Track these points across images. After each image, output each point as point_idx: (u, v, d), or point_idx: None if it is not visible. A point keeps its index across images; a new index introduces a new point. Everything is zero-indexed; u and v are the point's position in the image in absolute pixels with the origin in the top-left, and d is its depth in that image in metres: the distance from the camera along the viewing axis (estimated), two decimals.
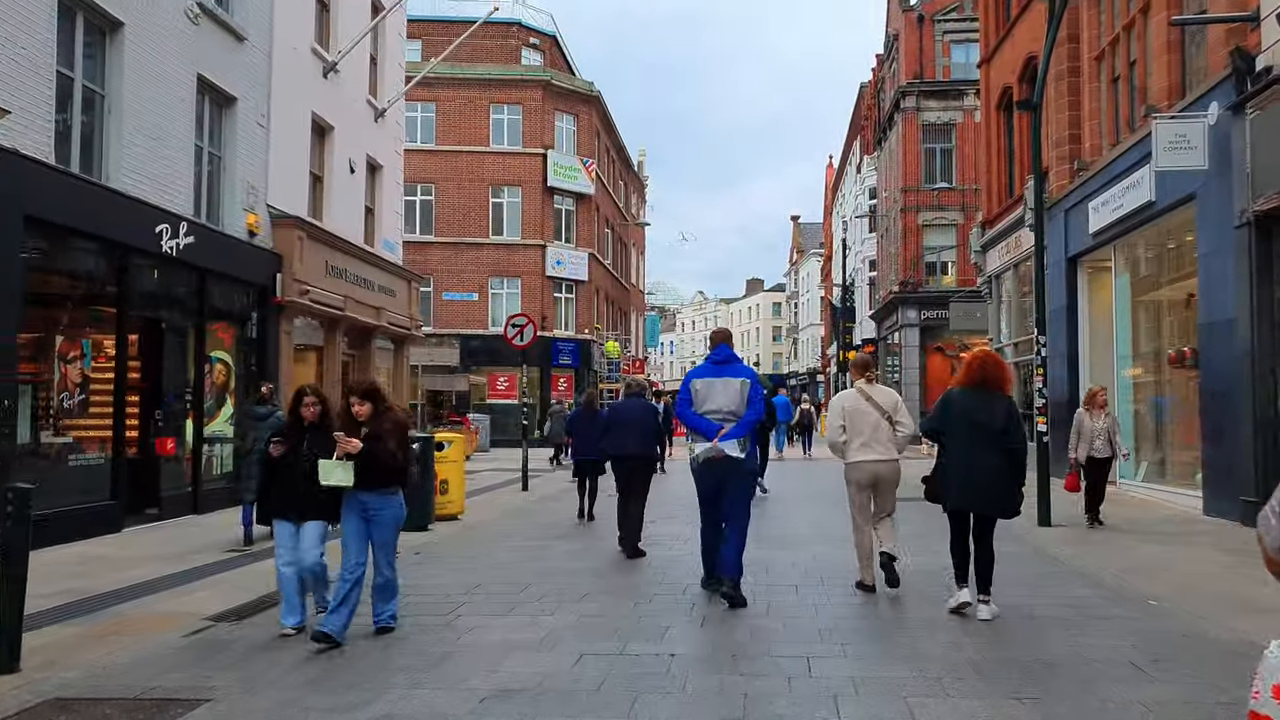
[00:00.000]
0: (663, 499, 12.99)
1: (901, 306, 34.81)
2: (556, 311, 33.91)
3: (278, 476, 6.04)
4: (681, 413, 6.98)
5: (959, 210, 34.42)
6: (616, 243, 41.50)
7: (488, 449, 28.63)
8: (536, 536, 10.49)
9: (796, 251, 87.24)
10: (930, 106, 34.88)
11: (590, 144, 35.03)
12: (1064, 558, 8.58)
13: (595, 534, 10.64)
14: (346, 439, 5.68)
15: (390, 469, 5.80)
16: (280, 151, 14.87)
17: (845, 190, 53.78)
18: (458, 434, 12.83)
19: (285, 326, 14.92)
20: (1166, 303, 14.16)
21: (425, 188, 32.94)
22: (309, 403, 6.04)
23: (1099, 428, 10.24)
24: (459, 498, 12.20)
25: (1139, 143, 13.15)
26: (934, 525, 8.39)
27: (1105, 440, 10.25)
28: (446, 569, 8.41)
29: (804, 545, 9.45)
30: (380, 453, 5.71)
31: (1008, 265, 20.49)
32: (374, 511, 5.87)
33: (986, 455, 6.13)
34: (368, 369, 18.77)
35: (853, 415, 6.95)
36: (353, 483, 5.71)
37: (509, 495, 15.47)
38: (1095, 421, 10.27)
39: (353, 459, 5.66)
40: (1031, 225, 17.65)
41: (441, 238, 32.86)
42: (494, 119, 33.24)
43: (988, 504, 6.29)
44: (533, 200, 33.03)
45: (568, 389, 33.32)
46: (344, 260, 17.07)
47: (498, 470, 20.53)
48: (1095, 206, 14.81)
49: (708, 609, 6.63)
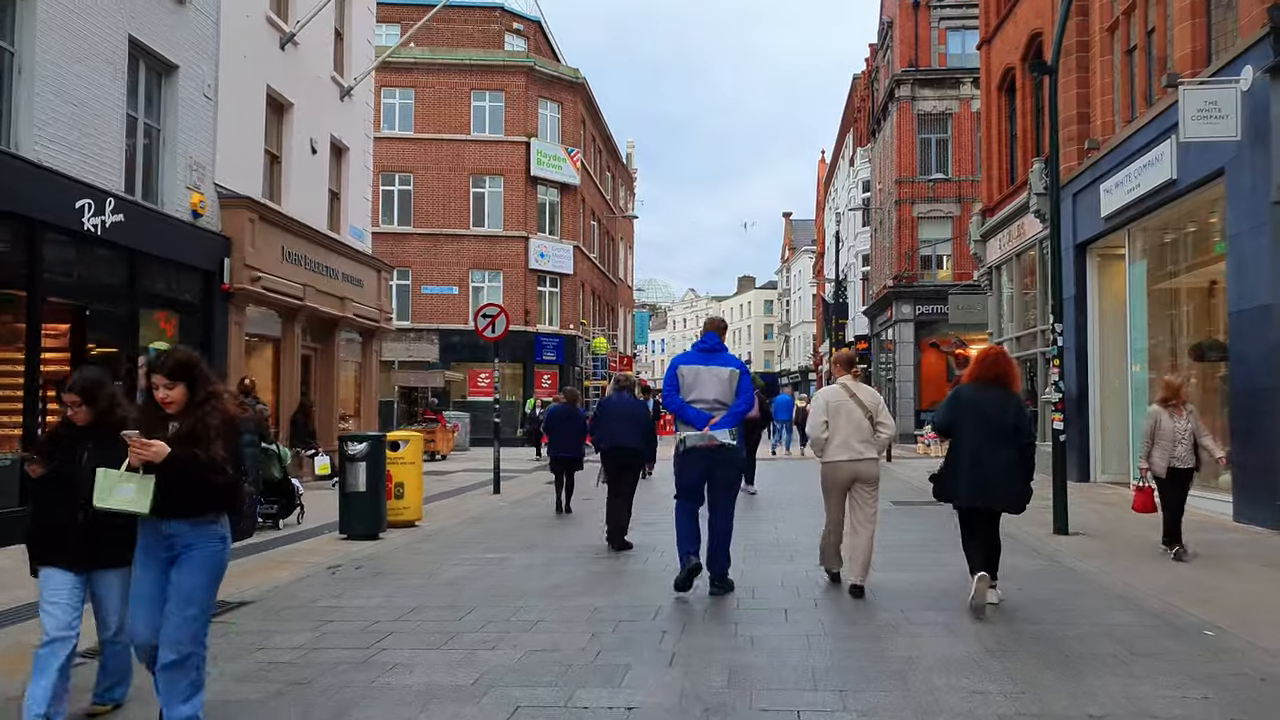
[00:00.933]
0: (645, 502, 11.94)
1: (896, 301, 33.81)
2: (540, 306, 32.79)
3: (41, 505, 4.25)
4: (669, 400, 6.75)
5: (955, 202, 33.43)
6: (604, 236, 40.38)
7: (467, 448, 27.53)
8: (497, 547, 9.40)
9: (789, 248, 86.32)
10: (926, 95, 33.87)
11: (575, 133, 33.91)
12: (1092, 574, 7.52)
13: (563, 542, 9.56)
14: (141, 441, 3.69)
15: (210, 487, 3.81)
16: (230, 127, 13.74)
17: (838, 184, 52.78)
18: (415, 433, 11.74)
19: (236, 316, 13.79)
20: (1185, 291, 13.14)
21: (404, 177, 31.81)
22: (70, 401, 4.15)
23: (1182, 429, 7.99)
24: (416, 503, 11.10)
25: (1159, 116, 12.12)
26: (940, 535, 7.41)
27: (1189, 446, 8.01)
28: (384, 587, 7.32)
29: (797, 557, 8.38)
30: (194, 462, 3.73)
31: (1009, 255, 19.46)
32: (182, 549, 3.85)
33: (998, 451, 6.08)
34: (331, 363, 17.66)
35: (836, 411, 6.76)
36: (148, 508, 3.74)
37: (478, 499, 14.37)
38: (1177, 421, 8.02)
39: (152, 471, 3.75)
40: (1037, 210, 16.66)
41: (420, 229, 31.72)
42: (475, 106, 32.09)
43: (999, 500, 6.24)
44: (515, 190, 31.90)
45: (552, 386, 32.21)
46: (304, 246, 15.94)
47: (474, 470, 19.48)
48: (1108, 188, 13.77)
49: (680, 639, 5.55)
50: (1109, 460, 14.99)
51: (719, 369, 6.67)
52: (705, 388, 6.62)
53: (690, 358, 6.86)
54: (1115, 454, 14.85)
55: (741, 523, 10.59)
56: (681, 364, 6.81)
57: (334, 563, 8.51)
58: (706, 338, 6.92)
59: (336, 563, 8.49)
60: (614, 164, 43.29)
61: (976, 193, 33.11)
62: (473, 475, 18.48)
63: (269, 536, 10.16)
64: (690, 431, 6.59)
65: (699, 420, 6.54)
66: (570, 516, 11.96)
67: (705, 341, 6.89)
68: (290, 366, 15.79)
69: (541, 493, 15.23)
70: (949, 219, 33.58)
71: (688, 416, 6.60)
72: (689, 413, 6.60)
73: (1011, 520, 10.92)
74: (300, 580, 7.66)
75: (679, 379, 6.73)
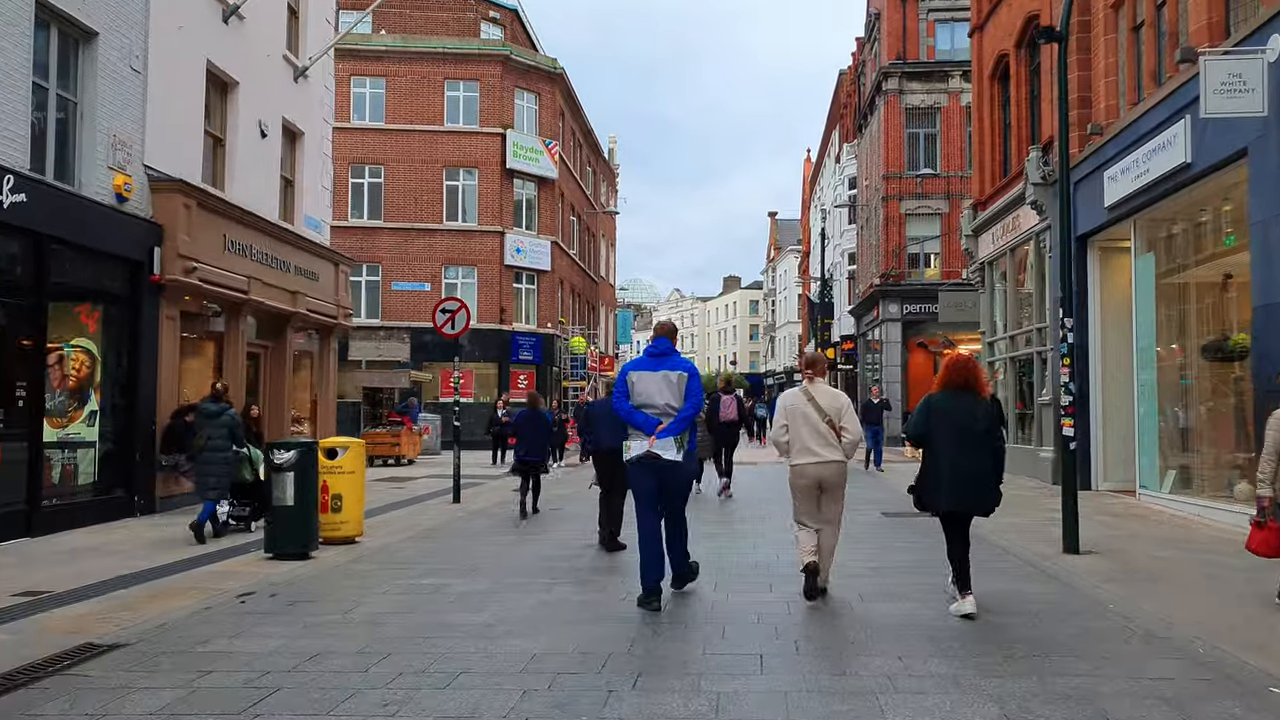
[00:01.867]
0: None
1: (883, 300, 32.88)
2: (516, 304, 31.66)
3: None
4: (618, 406, 6.70)
5: (944, 198, 32.53)
6: (584, 232, 39.28)
7: (438, 451, 26.38)
8: (439, 569, 8.31)
9: (774, 248, 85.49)
10: (914, 89, 32.96)
11: (554, 125, 32.80)
12: (1118, 606, 6.50)
13: (514, 563, 8.48)
14: None
15: None
16: (163, 104, 12.59)
17: (824, 182, 51.91)
18: (355, 439, 10.63)
19: (169, 310, 12.63)
20: (1195, 286, 12.19)
21: (374, 169, 30.64)
22: None
23: None
24: (355, 516, 10.00)
25: (1171, 95, 11.17)
26: (937, 553, 6.43)
27: None
28: (292, 624, 6.22)
29: (777, 584, 7.34)
30: None
31: (1003, 250, 18.52)
32: None
33: (973, 457, 6.18)
34: (283, 362, 16.50)
35: (794, 415, 6.65)
36: None
37: (435, 509, 13.27)
38: None
39: None
40: (1034, 201, 15.71)
41: (391, 223, 30.53)
42: (449, 96, 30.93)
43: (975, 504, 6.33)
44: (490, 183, 30.76)
45: (529, 387, 31.08)
46: (250, 236, 14.79)
47: (439, 477, 18.32)
48: (1113, 175, 12.82)
49: (629, 700, 4.49)
50: (1112, 467, 14.04)
51: (669, 373, 6.59)
52: (654, 393, 6.55)
53: (640, 363, 6.79)
54: (1119, 460, 13.90)
55: (717, 540, 9.59)
56: (631, 370, 6.75)
57: (248, 589, 7.41)
58: (657, 342, 6.81)
59: (249, 589, 7.40)
60: (595, 159, 42.20)
61: (966, 189, 32.18)
62: (437, 482, 17.38)
63: (191, 553, 9.07)
64: (637, 441, 6.53)
65: (647, 426, 6.47)
66: (536, 518, 11.68)
67: (656, 346, 6.78)
68: (234, 365, 14.64)
69: (505, 501, 14.17)
70: (937, 216, 32.68)
71: (636, 422, 6.54)
72: (637, 418, 6.54)
73: (1011, 535, 9.98)
74: (197, 614, 6.55)
75: (628, 385, 6.67)
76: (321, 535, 9.79)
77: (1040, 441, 16.00)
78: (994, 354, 19.40)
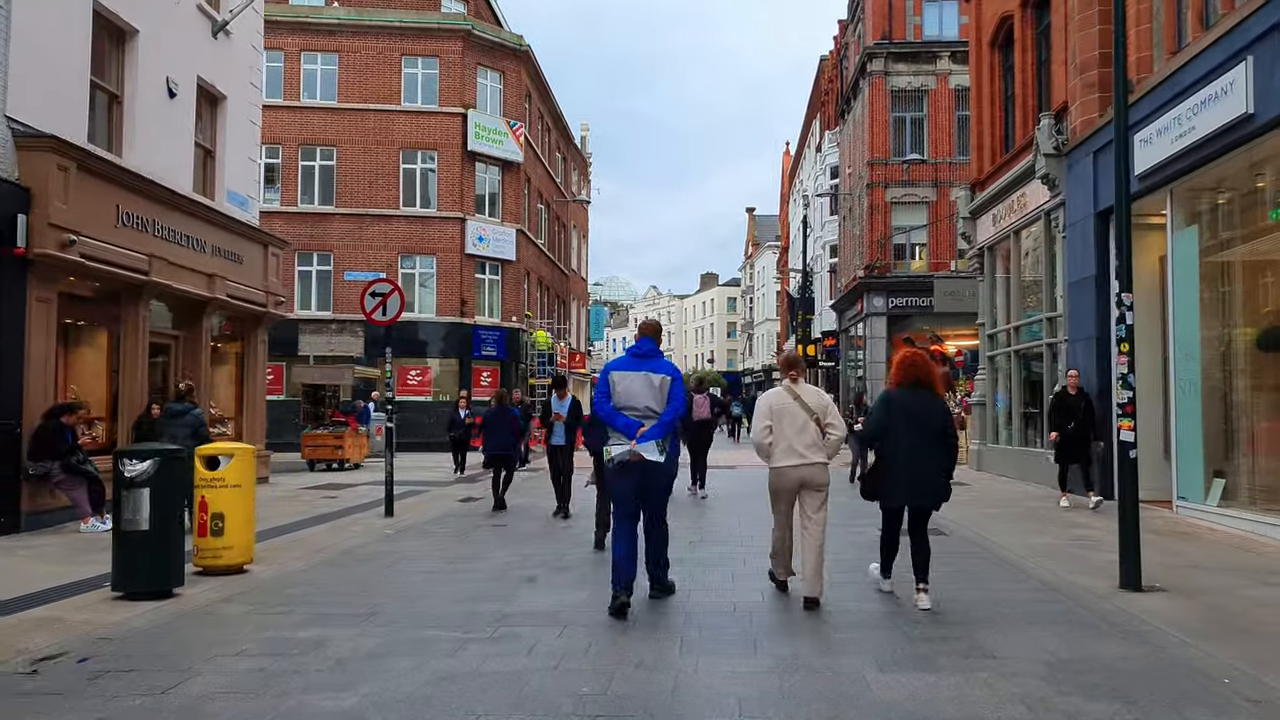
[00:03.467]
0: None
1: (867, 293, 31.21)
2: (479, 295, 29.70)
3: None
4: (599, 407, 6.51)
5: (931, 186, 30.92)
6: (553, 222, 37.35)
7: None
8: (330, 614, 6.42)
9: (752, 244, 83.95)
10: (900, 70, 31.31)
11: (519, 106, 30.85)
12: (1237, 681, 4.71)
13: (429, 607, 6.59)
14: None
15: None
16: (32, 45, 10.59)
17: (804, 173, 50.30)
18: (243, 445, 8.68)
19: (40, 291, 10.63)
20: (1247, 264, 10.50)
21: (325, 151, 28.60)
22: None
23: None
24: (243, 540, 8.08)
25: (1226, 36, 9.46)
26: (972, 592, 4.64)
27: None
28: (74, 714, 4.33)
29: (761, 645, 5.52)
30: None
31: (1005, 232, 16.84)
32: None
33: (928, 452, 6.25)
34: (199, 354, 14.50)
35: (779, 415, 6.48)
36: None
37: (362, 524, 11.37)
38: None
39: None
40: (1045, 175, 14.00)
41: (343, 208, 28.50)
42: (406, 73, 28.93)
43: (930, 498, 6.36)
44: (451, 167, 28.79)
45: (492, 384, 29.18)
46: (153, 209, 12.80)
47: (382, 484, 16.30)
48: (1146, 138, 11.12)
49: None
50: (1141, 474, 12.30)
51: (651, 375, 6.37)
52: (637, 395, 6.34)
53: (623, 363, 6.55)
54: (1149, 467, 12.13)
55: (685, 567, 7.65)
56: (613, 370, 6.51)
57: (55, 649, 5.51)
58: (641, 343, 6.59)
59: (57, 650, 5.49)
60: (565, 145, 40.26)
61: (955, 175, 30.62)
62: (378, 490, 15.36)
63: (28, 588, 7.11)
64: (618, 444, 6.31)
65: (628, 429, 6.27)
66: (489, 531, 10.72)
67: (639, 346, 6.56)
68: (133, 356, 12.64)
69: (448, 514, 12.31)
70: (925, 204, 31.07)
71: (617, 425, 6.33)
72: (618, 421, 6.33)
73: (1047, 562, 8.24)
74: None
75: (610, 385, 6.44)
76: (199, 564, 7.92)
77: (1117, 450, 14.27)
78: (994, 347, 17.72)
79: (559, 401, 11.79)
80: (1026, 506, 12.31)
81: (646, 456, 6.19)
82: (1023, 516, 11.29)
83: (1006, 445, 16.81)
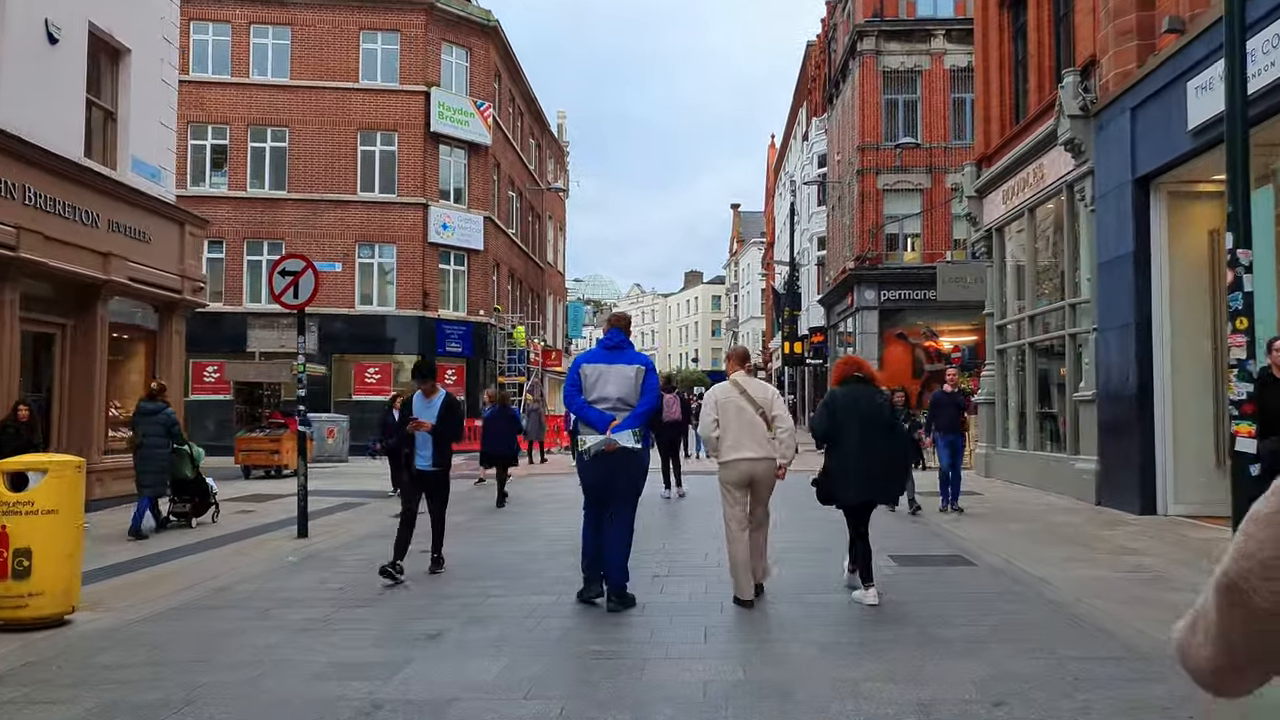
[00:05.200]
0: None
1: (858, 286, 29.41)
2: (443, 287, 27.70)
3: None
4: (569, 400, 6.43)
5: (925, 172, 29.14)
6: (526, 211, 35.35)
7: (345, 458, 22.42)
8: (112, 709, 4.48)
9: (737, 241, 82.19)
10: (892, 50, 29.53)
11: (487, 86, 28.87)
12: None
13: (254, 697, 4.66)
14: None
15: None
16: None
17: (790, 163, 48.52)
18: (67, 457, 6.69)
19: None
20: None
21: (277, 131, 26.55)
22: None
23: None
24: (58, 583, 6.11)
25: None
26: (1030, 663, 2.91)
27: None
28: None
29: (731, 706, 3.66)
30: None
31: (1019, 210, 15.02)
32: None
33: (880, 448, 6.24)
34: (93, 346, 12.48)
35: (725, 409, 6.40)
36: None
37: (265, 550, 9.41)
38: None
39: None
40: (1069, 140, 12.20)
41: (296, 193, 26.46)
42: (365, 49, 26.92)
43: (882, 494, 6.47)
44: (412, 149, 26.79)
45: (458, 381, 27.23)
46: (22, 173, 10.82)
47: (317, 494, 14.20)
48: (1203, 85, 9.31)
49: None
50: (1184, 484, 10.55)
51: (623, 367, 6.33)
52: (608, 386, 6.27)
53: (594, 356, 6.52)
54: (1196, 474, 10.44)
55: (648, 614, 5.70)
56: (584, 363, 6.45)
57: None
58: (611, 334, 6.52)
59: None
60: (539, 132, 38.28)
61: (950, 161, 28.83)
62: (313, 500, 13.38)
63: None
64: (591, 435, 6.22)
65: (601, 422, 6.20)
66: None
67: (610, 338, 6.49)
68: (5, 354, 10.63)
69: (370, 536, 10.34)
70: (918, 191, 29.29)
71: (589, 417, 6.26)
72: (590, 414, 6.26)
73: (1106, 605, 6.37)
74: None
75: (581, 378, 6.35)
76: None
77: (1076, 449, 12.50)
78: (1004, 340, 15.90)
79: (424, 402, 7.72)
80: (1055, 523, 10.47)
81: (622, 443, 6.09)
82: (1056, 537, 9.44)
83: (1020, 449, 15.00)
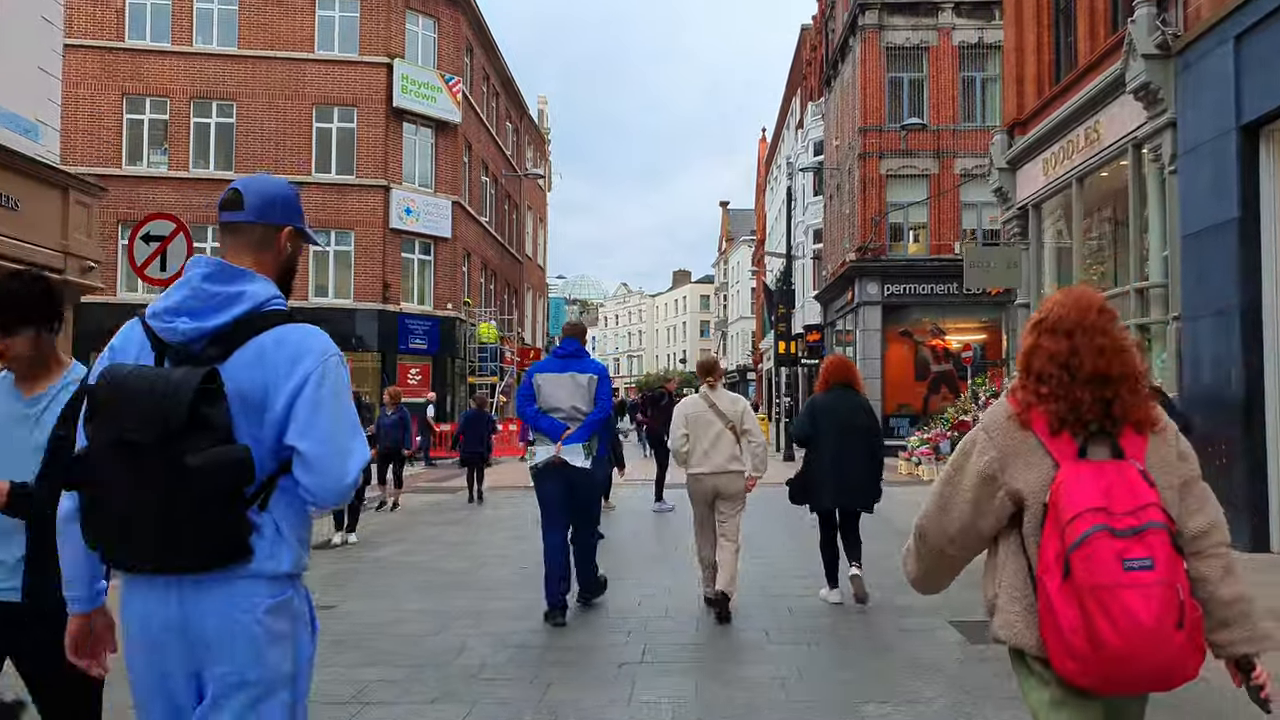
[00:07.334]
0: None
1: (859, 280, 27.16)
2: (406, 278, 25.32)
3: None
4: (522, 410, 6.44)
5: (932, 156, 26.93)
6: (502, 199, 32.98)
7: None
8: None
9: (726, 239, 80.00)
10: (896, 24, 27.33)
11: (457, 59, 26.52)
12: None
13: None
14: None
15: None
16: None
17: (784, 154, 46.28)
18: None
19: None
20: None
21: (223, 106, 24.14)
22: None
23: None
24: None
25: None
26: None
27: None
28: None
29: None
30: None
31: (1064, 179, 12.77)
32: None
33: (857, 453, 6.45)
34: None
35: (694, 423, 6.49)
36: None
37: None
38: None
39: None
40: (1143, 86, 9.94)
41: (245, 174, 23.90)
42: (321, 15, 24.58)
43: (860, 499, 6.61)
44: (372, 126, 24.42)
45: (423, 382, 24.86)
46: None
47: None
48: None
49: None
50: None
51: (577, 375, 6.34)
52: (561, 396, 6.28)
53: (546, 365, 6.58)
54: None
55: None
56: (537, 373, 6.48)
57: None
58: (565, 343, 6.53)
59: None
60: (517, 115, 35.90)
61: (959, 145, 26.65)
62: None
63: None
64: (542, 447, 6.25)
65: (554, 431, 6.21)
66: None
67: (564, 347, 6.52)
68: None
69: None
70: (925, 177, 27.07)
71: (541, 426, 6.28)
72: (542, 424, 6.27)
73: None
74: None
75: (534, 389, 6.37)
76: None
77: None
78: None
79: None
80: None
81: (571, 462, 6.13)
82: None
83: None
